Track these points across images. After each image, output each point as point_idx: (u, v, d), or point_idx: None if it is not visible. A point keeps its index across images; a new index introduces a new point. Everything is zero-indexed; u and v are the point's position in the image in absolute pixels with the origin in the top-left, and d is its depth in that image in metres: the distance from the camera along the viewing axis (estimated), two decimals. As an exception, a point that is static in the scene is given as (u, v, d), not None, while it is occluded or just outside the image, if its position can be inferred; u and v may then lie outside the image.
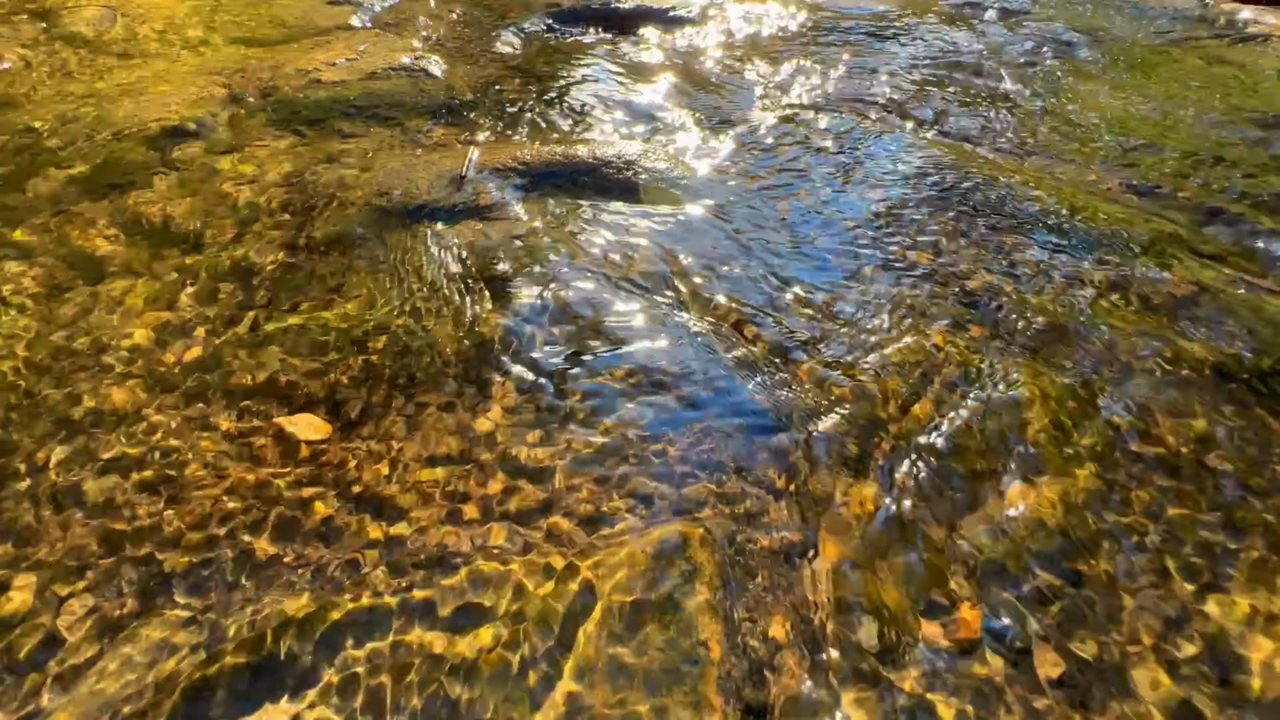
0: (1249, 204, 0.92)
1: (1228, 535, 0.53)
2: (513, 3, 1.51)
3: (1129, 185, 0.97)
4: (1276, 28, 1.61)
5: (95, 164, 0.90)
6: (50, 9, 1.35)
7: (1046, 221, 0.87)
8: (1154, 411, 0.63)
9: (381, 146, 0.96)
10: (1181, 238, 0.85)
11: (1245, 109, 1.18)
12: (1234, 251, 0.84)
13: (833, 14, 1.53)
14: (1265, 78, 1.34)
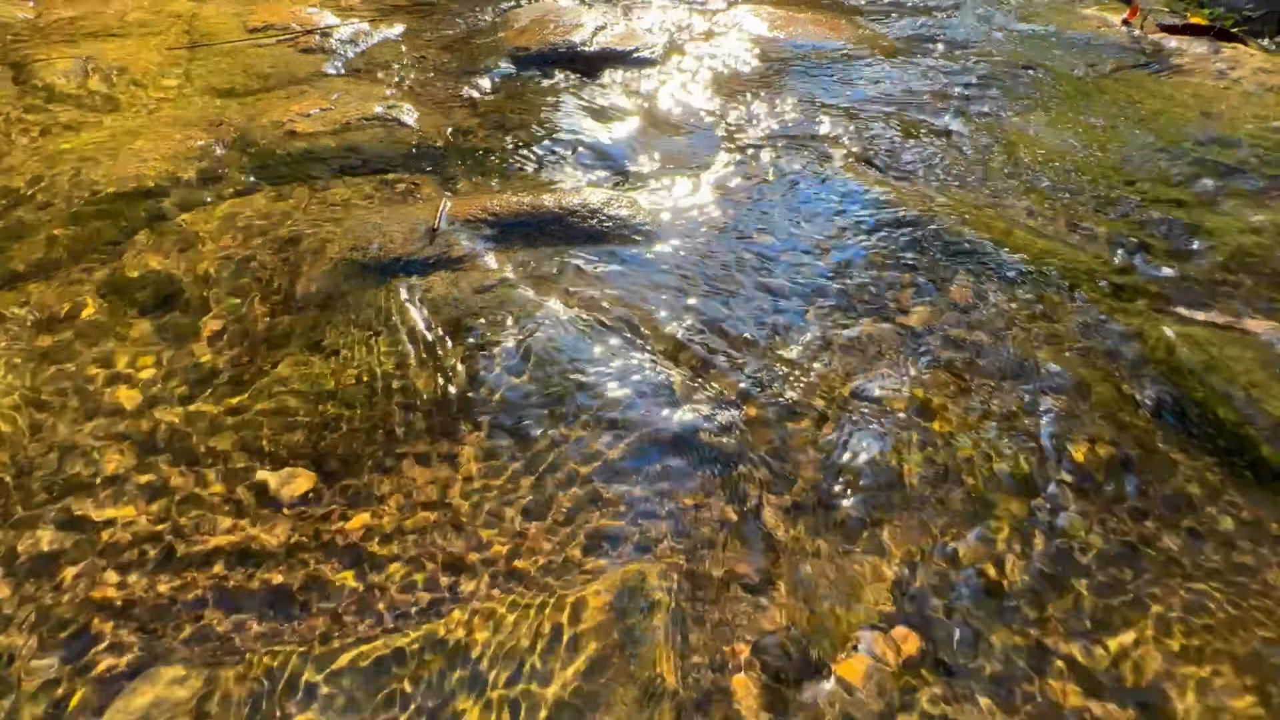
0: (1166, 237, 1.00)
1: (1130, 560, 0.60)
2: (481, 46, 1.56)
3: (1063, 220, 1.05)
4: (1200, 57, 1.73)
5: (75, 225, 0.93)
6: (23, 61, 1.38)
7: (983, 257, 0.94)
8: (1069, 438, 0.69)
9: (356, 198, 1.01)
10: (1103, 270, 0.93)
11: (1170, 142, 1.28)
12: (1150, 283, 0.91)
13: (787, 52, 1.61)
14: (1189, 108, 1.44)
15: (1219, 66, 1.66)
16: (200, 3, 1.78)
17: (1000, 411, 0.73)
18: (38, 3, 1.75)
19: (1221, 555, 0.60)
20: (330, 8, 1.77)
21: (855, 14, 1.99)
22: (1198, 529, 0.62)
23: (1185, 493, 0.65)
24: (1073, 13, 2.09)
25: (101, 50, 1.44)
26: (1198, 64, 1.67)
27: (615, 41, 1.56)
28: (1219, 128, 1.33)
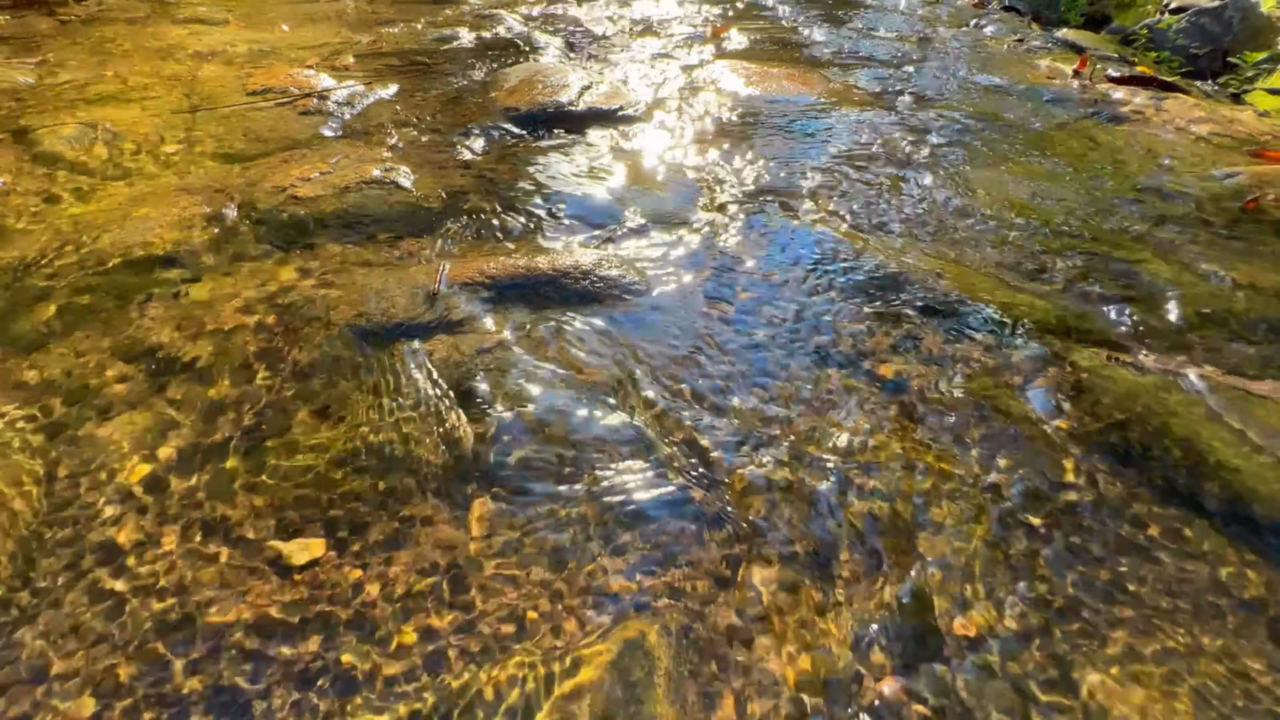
0: (1121, 285, 1.08)
1: (1094, 598, 0.64)
2: (473, 106, 1.64)
3: (1022, 269, 1.13)
4: (1145, 107, 1.87)
5: (84, 296, 0.96)
6: (27, 128, 1.42)
7: (952, 308, 1.00)
8: (1033, 483, 0.75)
9: (358, 263, 1.05)
10: (1064, 318, 1.00)
11: (1122, 191, 1.37)
12: (1107, 330, 0.98)
13: (762, 107, 1.71)
14: (1138, 157, 1.55)
15: (1163, 116, 1.79)
16: (199, 65, 1.85)
17: (968, 459, 0.78)
18: (38, 66, 1.81)
19: (1179, 589, 0.65)
20: (326, 70, 1.85)
21: (826, 67, 2.11)
22: (1154, 567, 0.67)
23: (1142, 532, 0.70)
24: (1028, 65, 2.24)
25: (104, 115, 1.49)
26: (1143, 113, 1.80)
27: (601, 100, 1.64)
28: (1166, 176, 1.44)
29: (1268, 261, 1.14)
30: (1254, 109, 2.10)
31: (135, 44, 2.02)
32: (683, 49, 2.20)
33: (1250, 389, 0.88)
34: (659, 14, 2.66)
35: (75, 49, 1.95)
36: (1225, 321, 1.00)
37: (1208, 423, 0.80)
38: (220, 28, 2.25)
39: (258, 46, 2.04)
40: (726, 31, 2.41)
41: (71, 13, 2.36)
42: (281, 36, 2.17)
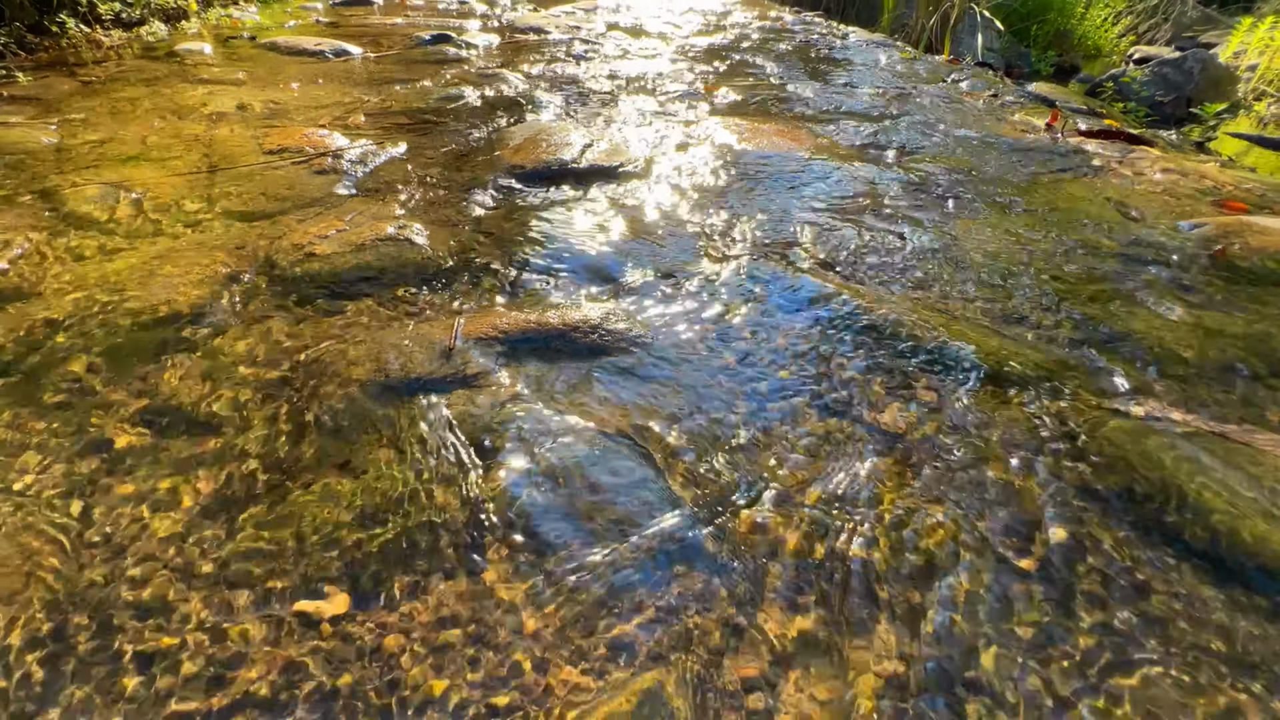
0: (1100, 334, 1.14)
1: (1081, 646, 0.67)
2: (480, 164, 1.72)
3: (1007, 318, 1.19)
4: (1114, 159, 1.98)
5: (111, 354, 1.00)
6: (53, 189, 1.48)
7: (942, 356, 1.06)
8: (1026, 528, 0.78)
9: (376, 319, 1.10)
10: (1048, 366, 1.05)
11: (1096, 242, 1.45)
12: (1090, 378, 1.04)
13: (754, 161, 1.80)
14: (1109, 209, 1.64)
15: (1131, 168, 1.90)
16: (217, 125, 1.94)
17: (964, 504, 0.81)
18: (61, 127, 1.89)
19: (1173, 631, 0.67)
20: (338, 128, 1.93)
21: (813, 122, 2.23)
22: (1149, 610, 0.70)
23: (1133, 576, 0.73)
24: (1002, 119, 2.38)
25: (126, 175, 1.56)
26: (1113, 166, 1.91)
27: (602, 158, 1.73)
28: (1137, 227, 1.52)
29: (1236, 309, 1.21)
30: (1217, 159, 2.22)
31: (154, 104, 2.11)
32: (677, 106, 2.32)
33: (1229, 435, 0.93)
34: (653, 72, 2.80)
35: (97, 109, 2.04)
36: (1200, 368, 1.06)
37: (1192, 468, 0.85)
38: (235, 87, 2.35)
39: (272, 106, 2.14)
40: (718, 89, 2.54)
41: (92, 74, 2.46)
42: (294, 96, 2.27)
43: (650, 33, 3.74)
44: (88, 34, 2.97)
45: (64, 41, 2.88)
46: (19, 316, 1.07)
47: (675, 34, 3.73)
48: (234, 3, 4.03)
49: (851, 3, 6.41)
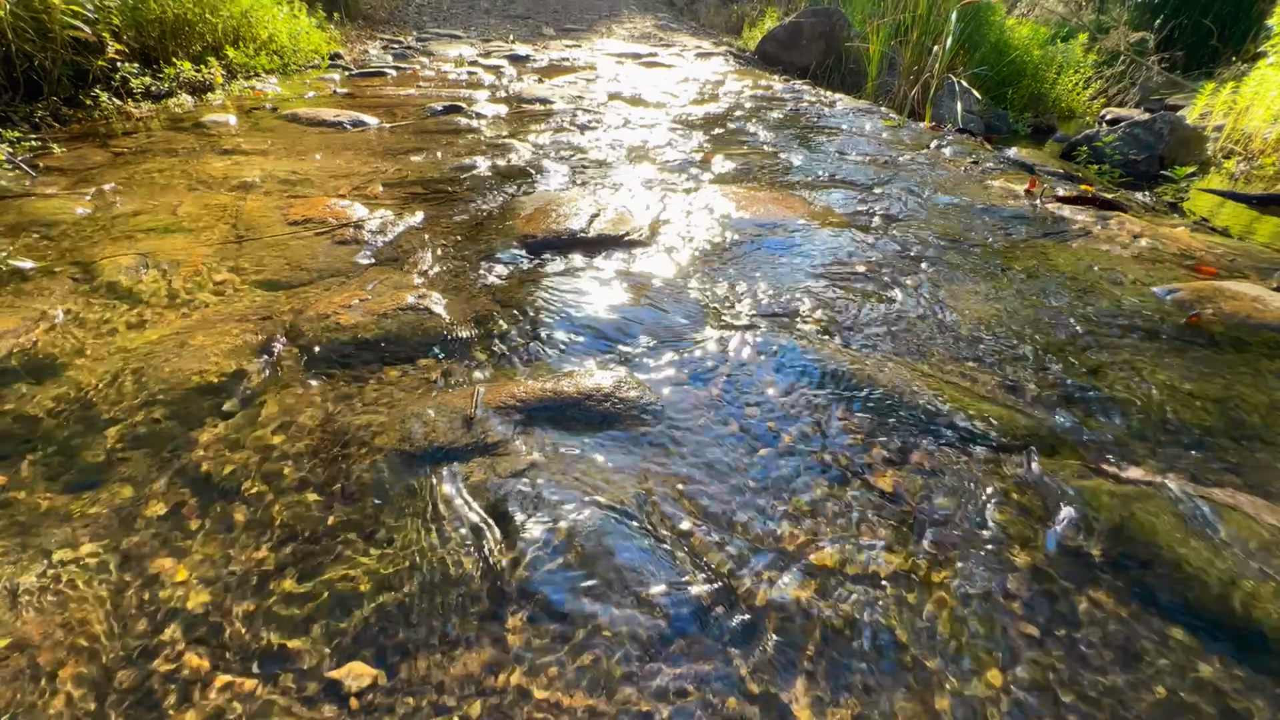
0: (1088, 399, 1.20)
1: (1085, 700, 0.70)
2: (493, 233, 1.82)
3: (998, 382, 1.25)
4: (1091, 224, 2.10)
5: (142, 426, 1.04)
6: (88, 260, 1.55)
7: (940, 422, 1.11)
8: (1029, 595, 0.81)
9: (398, 388, 1.15)
10: (1039, 431, 1.10)
11: (1079, 307, 1.53)
12: (1080, 443, 1.09)
13: (752, 229, 1.91)
14: (1089, 273, 1.73)
15: (1108, 233, 2.01)
16: (243, 195, 2.04)
17: (965, 570, 0.85)
18: (93, 198, 1.99)
19: (1164, 694, 0.70)
20: (358, 198, 2.04)
21: (805, 190, 2.36)
22: (1143, 674, 0.72)
23: (1128, 641, 0.76)
24: (984, 185, 2.52)
25: (159, 246, 1.64)
26: (1090, 231, 2.02)
27: (609, 226, 1.83)
28: (1116, 292, 1.61)
29: (1214, 373, 1.27)
30: (1188, 223, 2.35)
31: (184, 175, 2.23)
32: (677, 174, 2.46)
33: (1215, 498, 0.98)
34: (653, 140, 2.97)
35: (129, 180, 2.15)
36: (1183, 431, 1.11)
37: (1183, 532, 0.89)
38: (260, 158, 2.48)
39: (295, 176, 2.26)
40: (715, 157, 2.70)
41: (123, 145, 2.60)
42: (315, 166, 2.40)
43: (649, 102, 3.97)
44: (119, 106, 3.15)
45: (96, 114, 3.05)
46: (54, 388, 1.12)
47: (673, 103, 3.96)
48: (256, 75, 4.28)
49: (837, 70, 6.80)
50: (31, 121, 2.80)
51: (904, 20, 5.31)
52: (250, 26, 4.39)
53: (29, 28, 2.86)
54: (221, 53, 4.04)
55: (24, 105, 2.87)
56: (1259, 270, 1.82)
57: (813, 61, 6.76)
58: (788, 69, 6.76)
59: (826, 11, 6.98)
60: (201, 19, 3.87)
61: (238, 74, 4.11)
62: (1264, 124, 5.62)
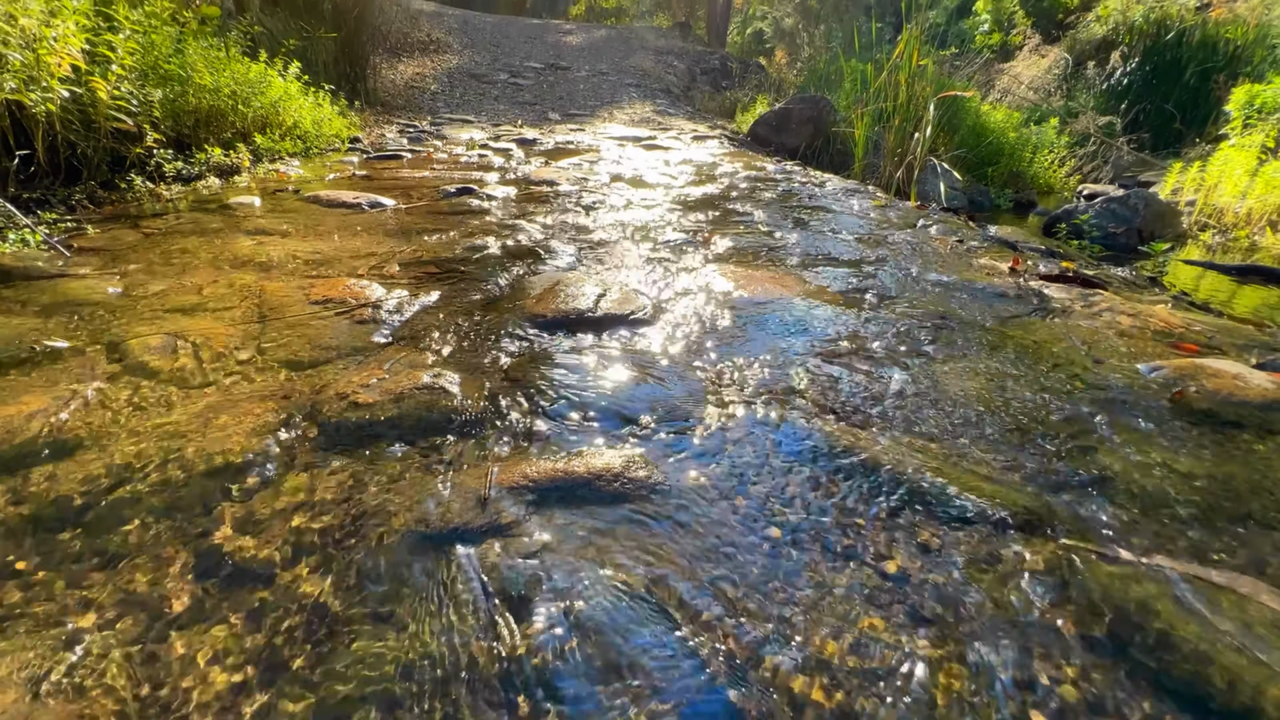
0: (1083, 478, 1.24)
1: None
2: (505, 312, 1.91)
3: (993, 461, 1.29)
4: (1074, 302, 2.20)
5: (166, 507, 1.08)
6: (118, 339, 1.63)
7: (939, 501, 1.14)
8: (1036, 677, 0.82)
9: (414, 468, 1.19)
10: (1037, 509, 1.13)
11: (1067, 384, 1.60)
12: (1078, 522, 1.12)
13: (751, 307, 2.00)
14: (1075, 351, 1.81)
15: (1090, 311, 2.11)
16: (266, 275, 2.15)
17: (969, 651, 0.86)
18: (124, 277, 2.09)
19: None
20: (377, 278, 2.15)
21: (801, 268, 2.48)
22: (1160, 771, 0.73)
23: None
24: (970, 263, 2.65)
25: (185, 325, 1.72)
26: (1073, 309, 2.12)
27: (615, 306, 1.92)
28: (1102, 370, 1.68)
29: (1202, 452, 1.32)
30: (1168, 299, 2.46)
31: (210, 255, 2.35)
32: (677, 253, 2.59)
33: (1212, 579, 1.00)
34: (655, 221, 3.14)
35: (158, 260, 2.27)
36: (1177, 511, 1.15)
37: (1184, 615, 0.91)
38: (283, 238, 2.62)
39: (316, 256, 2.38)
40: (713, 237, 2.85)
41: (153, 225, 2.75)
42: (335, 246, 2.53)
43: (649, 183, 4.21)
44: (151, 189, 3.34)
45: (129, 195, 3.23)
46: (81, 469, 1.16)
47: (672, 184, 4.20)
48: (280, 158, 4.55)
49: (826, 151, 7.23)
50: (68, 204, 2.97)
51: (886, 108, 5.72)
52: (278, 114, 4.71)
53: (76, 119, 3.09)
54: (250, 139, 4.32)
55: (63, 189, 3.05)
56: (1238, 347, 1.90)
57: (802, 143, 7.20)
58: (779, 150, 7.19)
59: (813, 98, 7.51)
60: (234, 110, 4.17)
61: (263, 157, 4.37)
62: (1233, 199, 5.93)
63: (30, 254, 2.26)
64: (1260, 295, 3.55)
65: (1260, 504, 1.17)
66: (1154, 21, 10.92)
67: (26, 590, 0.92)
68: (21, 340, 1.58)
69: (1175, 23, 10.45)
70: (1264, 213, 5.58)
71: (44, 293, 1.92)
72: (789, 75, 13.70)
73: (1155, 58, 10.15)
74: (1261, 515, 1.15)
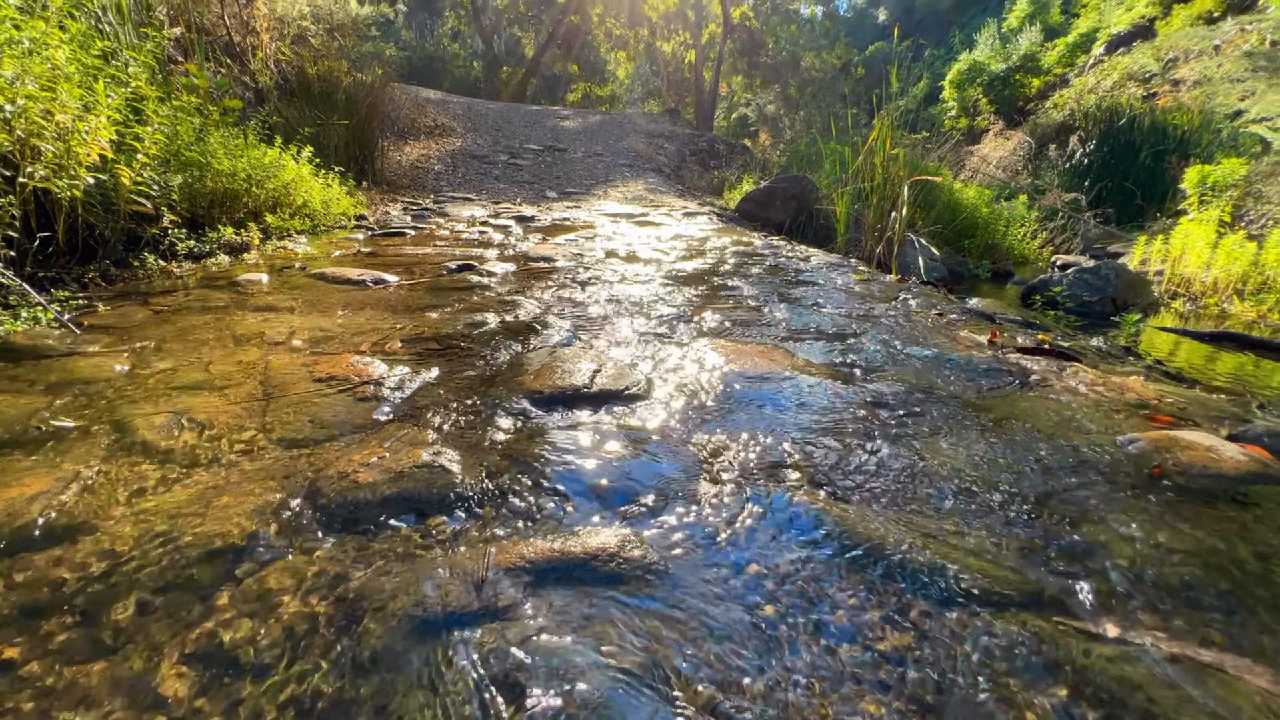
0: (1067, 553, 1.27)
1: None
2: (503, 387, 1.96)
3: (978, 535, 1.32)
4: (1050, 374, 2.28)
5: (165, 590, 1.08)
6: (124, 419, 1.66)
7: (930, 578, 1.16)
8: (1033, 771, 0.82)
9: (413, 548, 1.20)
10: (1024, 586, 1.16)
11: (1049, 457, 1.65)
12: (1063, 599, 1.14)
13: (741, 381, 2.07)
14: (1055, 423, 1.87)
15: (1066, 383, 2.19)
16: (271, 352, 2.22)
17: (973, 743, 0.86)
18: (132, 355, 2.15)
19: None
20: (379, 354, 2.22)
21: (789, 341, 2.58)
22: None
23: (1142, 823, 0.77)
24: (951, 336, 2.76)
25: (190, 404, 1.76)
26: (1051, 381, 2.20)
27: (609, 381, 1.99)
28: (1080, 442, 1.73)
29: (1182, 526, 1.35)
30: (1141, 371, 2.56)
31: (217, 332, 2.42)
32: (670, 328, 2.69)
33: (1201, 658, 1.01)
34: (647, 296, 3.27)
35: (166, 337, 2.33)
36: (1161, 587, 1.17)
37: (1174, 695, 0.92)
38: (288, 315, 2.71)
39: (320, 333, 2.46)
40: (703, 312, 2.96)
41: (162, 302, 2.84)
42: (339, 322, 2.61)
43: (642, 259, 4.40)
44: (163, 266, 3.46)
45: (141, 272, 3.35)
46: (80, 552, 1.17)
47: (664, 260, 4.39)
48: (289, 235, 4.74)
49: (810, 226, 7.58)
50: (81, 281, 3.07)
51: (864, 187, 6.08)
52: (289, 195, 4.95)
53: (97, 203, 3.25)
54: (261, 217, 4.52)
55: (77, 267, 3.16)
56: (1210, 418, 1.98)
57: (787, 219, 7.57)
58: (765, 225, 7.55)
59: (796, 177, 7.97)
60: (248, 191, 4.39)
61: (272, 235, 4.56)
62: (1199, 269, 6.24)
63: (41, 332, 2.32)
64: (1235, 361, 3.67)
65: (1242, 580, 1.20)
66: (1107, 109, 11.85)
67: (16, 682, 0.91)
68: (28, 420, 1.61)
69: (1126, 110, 11.35)
70: (1229, 281, 5.87)
71: (53, 371, 1.96)
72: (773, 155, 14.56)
73: (1111, 140, 10.94)
74: (1244, 592, 1.17)
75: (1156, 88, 13.85)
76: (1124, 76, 15.12)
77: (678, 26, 26.87)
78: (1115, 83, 15.04)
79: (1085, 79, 16.46)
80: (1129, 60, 15.61)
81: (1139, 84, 14.45)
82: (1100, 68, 16.75)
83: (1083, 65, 17.96)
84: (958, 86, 18.87)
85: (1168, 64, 14.22)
